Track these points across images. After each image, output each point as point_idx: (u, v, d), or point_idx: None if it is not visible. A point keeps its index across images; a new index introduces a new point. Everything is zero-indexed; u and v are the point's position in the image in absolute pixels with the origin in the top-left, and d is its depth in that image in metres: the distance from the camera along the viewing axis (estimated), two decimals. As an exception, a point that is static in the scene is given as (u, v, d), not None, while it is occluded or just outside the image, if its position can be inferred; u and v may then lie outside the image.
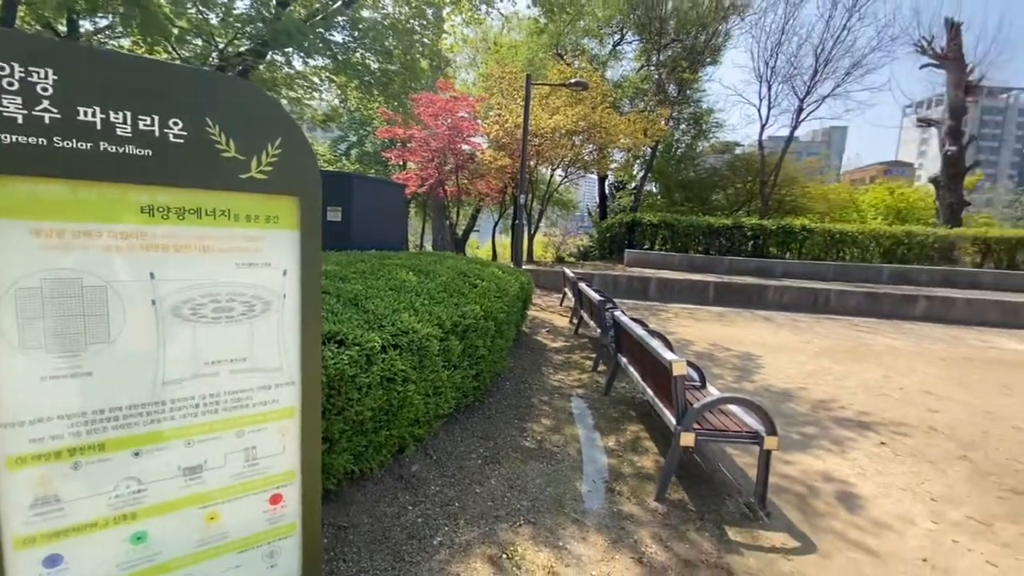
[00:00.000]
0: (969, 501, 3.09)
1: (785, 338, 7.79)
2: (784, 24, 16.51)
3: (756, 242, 14.07)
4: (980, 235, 14.20)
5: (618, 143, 13.80)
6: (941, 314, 10.48)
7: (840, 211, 20.18)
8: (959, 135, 16.95)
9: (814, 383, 5.38)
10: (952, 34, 16.99)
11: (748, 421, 2.94)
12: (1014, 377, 6.10)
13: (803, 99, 16.96)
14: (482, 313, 3.78)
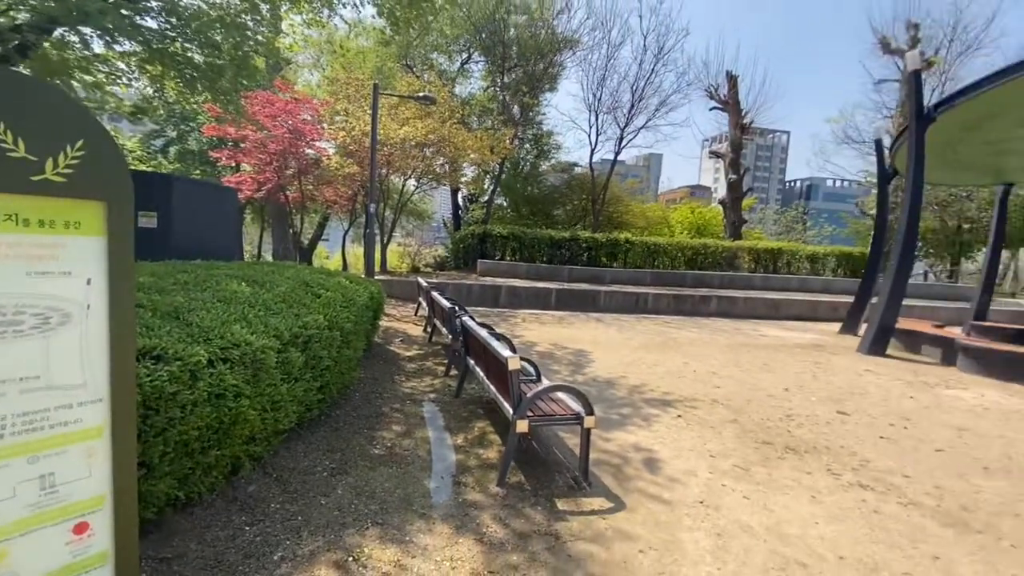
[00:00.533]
0: (735, 454, 3.96)
1: (612, 335, 8.92)
2: (607, 63, 18.92)
3: (590, 253, 15.74)
4: (753, 247, 17.85)
5: (468, 158, 14.36)
6: (727, 310, 12.93)
7: (656, 226, 23.59)
8: (739, 166, 21.10)
9: (632, 372, 6.29)
10: (731, 85, 21.15)
11: (573, 405, 3.40)
12: (773, 357, 7.86)
13: (623, 129, 19.59)
14: (326, 323, 3.73)
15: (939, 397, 5.91)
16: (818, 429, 4.57)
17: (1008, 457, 4.15)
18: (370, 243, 11.08)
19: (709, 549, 2.64)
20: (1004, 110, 7.78)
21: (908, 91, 8.54)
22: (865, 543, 2.77)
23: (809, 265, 18.04)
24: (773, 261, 17.62)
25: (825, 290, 16.04)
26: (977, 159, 10.28)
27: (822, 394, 5.77)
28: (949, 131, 8.48)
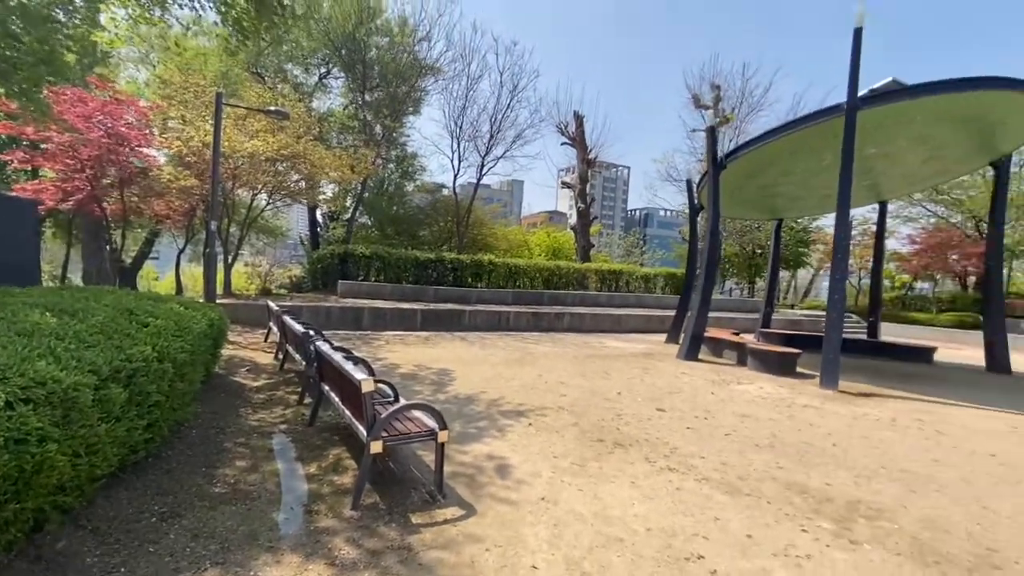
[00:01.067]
0: (574, 453, 4.48)
1: (475, 353, 9.29)
2: (466, 93, 19.83)
3: (456, 274, 16.14)
4: (599, 268, 19.91)
5: (327, 176, 13.86)
6: (578, 325, 14.22)
7: (518, 249, 25.01)
8: (586, 196, 23.43)
9: (491, 387, 6.68)
10: (578, 123, 23.53)
11: (427, 422, 3.59)
12: (611, 365, 8.90)
13: (484, 157, 20.61)
14: (155, 355, 3.42)
15: (732, 392, 7.30)
16: (641, 425, 5.37)
17: (773, 435, 5.32)
18: (211, 263, 10.03)
19: (546, 538, 3.00)
20: (770, 163, 10.00)
21: (707, 143, 10.53)
22: (668, 515, 3.39)
23: (644, 284, 20.66)
24: (616, 281, 19.83)
25: (656, 305, 18.49)
26: (756, 199, 12.94)
27: (647, 395, 6.75)
28: (736, 176, 10.60)
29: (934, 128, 8.97)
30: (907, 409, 6.78)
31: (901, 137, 9.39)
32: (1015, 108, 8.15)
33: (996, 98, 7.82)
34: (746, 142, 9.85)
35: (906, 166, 10.83)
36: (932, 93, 7.75)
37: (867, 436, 5.40)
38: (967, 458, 4.87)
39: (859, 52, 7.79)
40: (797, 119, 9.16)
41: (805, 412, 6.30)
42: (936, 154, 10.10)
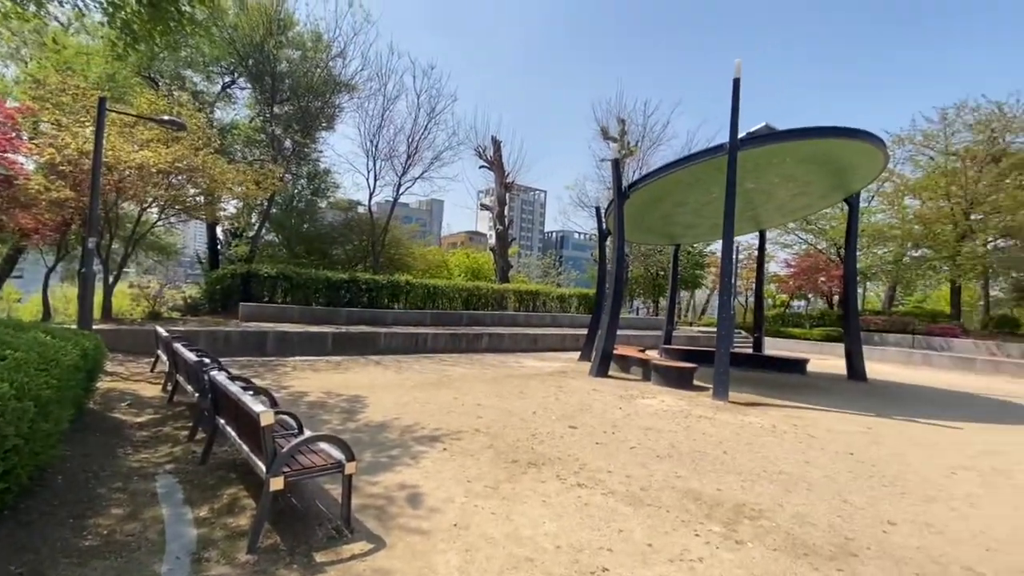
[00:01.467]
0: (488, 475, 4.53)
1: (390, 377, 9.07)
2: (383, 113, 19.63)
3: (371, 295, 15.69)
4: (518, 289, 20.35)
5: (230, 191, 12.96)
6: (496, 346, 14.38)
7: (436, 269, 24.87)
8: (504, 218, 23.95)
9: (406, 412, 6.55)
10: (496, 148, 24.13)
11: (334, 454, 3.46)
12: (527, 384, 9.10)
13: (401, 176, 20.42)
14: (13, 392, 3.01)
15: (637, 406, 7.77)
16: (554, 443, 5.55)
17: (672, 446, 5.73)
18: (87, 285, 8.91)
19: (457, 565, 3.01)
20: (668, 194, 10.91)
21: (612, 174, 11.31)
22: (576, 531, 3.53)
23: (560, 304, 21.40)
24: (533, 301, 20.35)
25: (571, 324, 19.21)
26: (657, 226, 14.01)
27: (560, 413, 6.99)
28: (639, 205, 11.43)
29: (800, 168, 10.35)
30: (784, 416, 7.62)
31: (775, 175, 10.71)
32: (860, 153, 9.65)
33: (844, 145, 9.22)
34: (646, 174, 10.73)
35: (779, 200, 12.34)
36: (795, 139, 8.99)
37: (751, 442, 5.99)
38: (831, 458, 5.57)
39: (738, 100, 8.85)
40: (689, 156, 10.15)
41: (700, 423, 6.86)
42: (803, 190, 11.63)
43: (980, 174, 21.78)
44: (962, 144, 22.92)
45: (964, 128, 22.79)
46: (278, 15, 16.04)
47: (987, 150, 22.01)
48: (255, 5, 15.79)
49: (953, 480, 5.05)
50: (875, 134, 9.22)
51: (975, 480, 5.09)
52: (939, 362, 18.44)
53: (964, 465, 5.58)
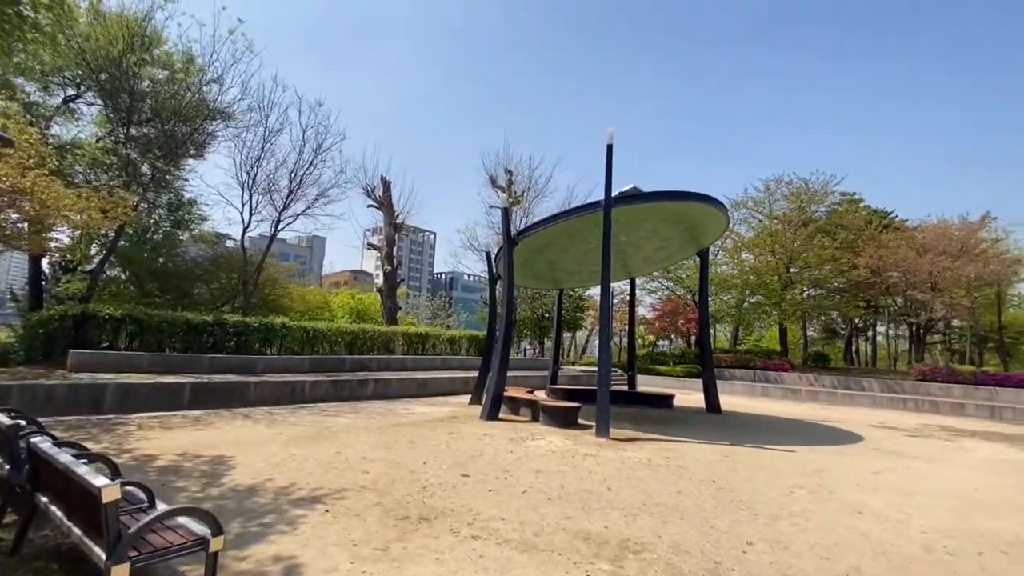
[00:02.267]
0: (377, 536, 4.24)
1: (261, 433, 8.17)
2: (263, 145, 18.47)
3: (240, 339, 14.18)
4: (406, 331, 19.83)
5: (65, 219, 11.06)
6: (384, 392, 13.75)
7: (317, 310, 23.36)
8: (393, 259, 23.49)
9: (281, 471, 5.93)
10: (385, 188, 23.88)
11: (196, 529, 3.02)
12: (417, 432, 8.80)
13: (281, 212, 19.16)
14: None
15: (528, 448, 7.91)
16: (446, 494, 5.40)
17: (562, 486, 5.90)
18: None
19: (344, 641, 2.75)
20: (552, 243, 11.65)
21: (502, 221, 11.83)
22: (471, 585, 3.44)
23: (450, 346, 21.25)
24: (423, 344, 19.96)
25: (461, 367, 19.11)
26: (543, 271, 14.80)
27: (452, 461, 6.85)
28: (526, 252, 12.02)
29: (663, 225, 11.78)
30: (658, 449, 8.28)
31: (642, 229, 12.03)
32: (709, 215, 11.28)
33: (697, 207, 10.72)
34: (532, 224, 11.42)
35: (646, 251, 13.84)
36: (658, 200, 10.27)
37: (631, 477, 6.40)
38: (698, 487, 6.14)
39: (611, 164, 9.92)
40: (571, 209, 11.04)
41: (586, 461, 7.17)
42: (665, 244, 13.19)
43: (795, 235, 26.56)
44: (781, 210, 27.88)
45: (782, 197, 27.82)
46: (143, 31, 14.55)
47: (798, 216, 27.02)
48: (114, 17, 14.19)
49: (792, 498, 5.86)
50: (719, 200, 10.88)
51: (808, 497, 5.96)
52: (774, 393, 21.50)
53: (799, 484, 6.51)
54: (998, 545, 4.66)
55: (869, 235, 26.26)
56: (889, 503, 5.85)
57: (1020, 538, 4.89)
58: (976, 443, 11.01)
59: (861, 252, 25.31)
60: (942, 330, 31.75)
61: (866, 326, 35.70)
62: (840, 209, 28.45)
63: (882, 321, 33.69)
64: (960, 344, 32.51)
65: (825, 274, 27.03)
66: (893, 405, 18.66)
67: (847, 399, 19.79)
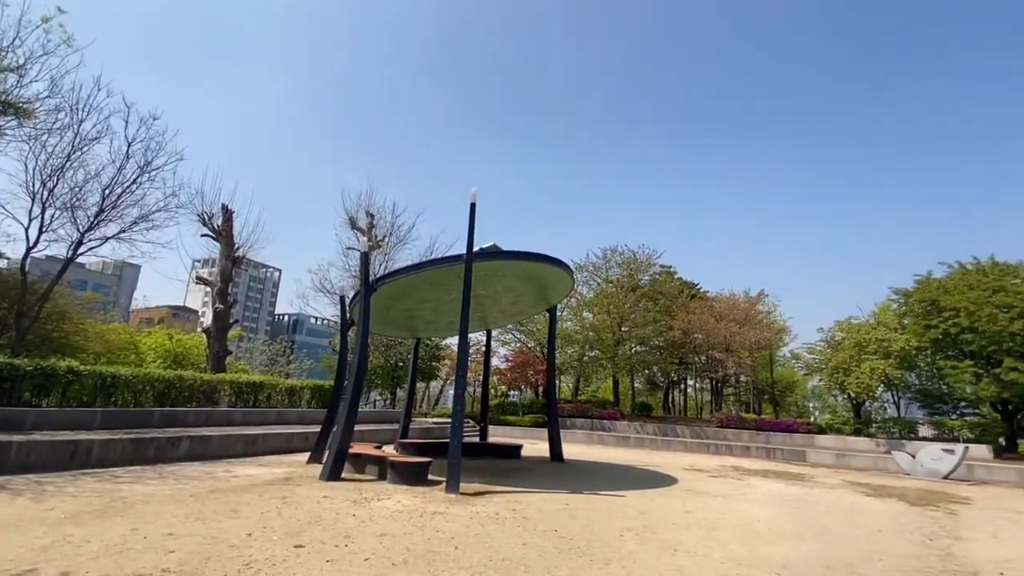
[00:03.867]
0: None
1: (22, 510, 6.38)
2: (71, 152, 15.48)
3: (7, 385, 11.12)
4: (235, 380, 17.51)
5: None
6: (201, 451, 11.80)
7: (120, 352, 19.46)
8: (227, 296, 20.92)
9: (47, 560, 4.67)
10: (226, 217, 21.53)
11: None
12: (241, 499, 7.68)
13: (84, 232, 15.97)
14: None
15: (373, 510, 7.43)
16: (275, 570, 4.78)
17: (408, 549, 5.64)
18: None
19: None
20: (411, 291, 11.61)
21: (360, 266, 11.48)
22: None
23: (289, 397, 19.26)
24: (256, 394, 17.78)
25: (300, 421, 17.39)
26: (400, 320, 14.55)
27: (284, 530, 6.11)
28: (384, 299, 11.76)
29: (518, 282, 12.57)
30: (505, 502, 8.43)
31: (500, 284, 12.68)
32: (558, 276, 12.38)
33: (548, 268, 11.71)
34: (393, 271, 11.30)
35: (503, 305, 14.54)
36: (514, 259, 11.01)
37: (479, 532, 6.40)
38: (542, 536, 6.38)
39: (473, 221, 10.43)
40: (434, 260, 11.23)
41: (434, 520, 6.98)
42: (519, 299, 14.03)
43: (625, 298, 30.29)
44: (615, 276, 31.71)
45: (616, 265, 31.74)
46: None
47: (628, 282, 30.97)
48: None
49: (622, 540, 6.41)
50: (566, 263, 12.06)
51: (635, 538, 6.57)
52: (608, 440, 23.50)
53: (628, 527, 7.16)
54: (775, 568, 5.64)
55: (681, 302, 31.18)
56: (698, 539, 6.73)
57: (790, 560, 5.99)
58: (759, 480, 13.31)
59: (676, 316, 29.82)
60: (734, 384, 38.31)
61: (680, 379, 41.47)
62: (660, 279, 33.42)
63: (691, 375, 39.50)
64: (746, 396, 39.48)
65: (648, 333, 31.10)
66: (700, 449, 21.71)
67: (666, 444, 22.48)
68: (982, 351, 18.51)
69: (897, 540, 7.30)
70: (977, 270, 20.30)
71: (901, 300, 22.60)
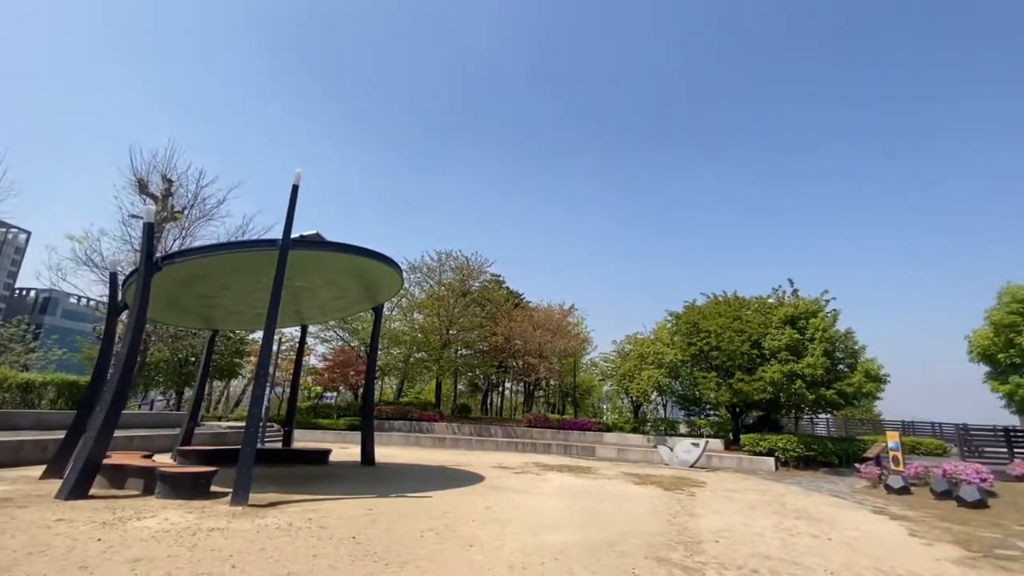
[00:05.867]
0: None
1: None
2: None
3: None
4: (-69, 372, 13.00)
5: None
6: None
7: None
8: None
9: None
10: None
11: None
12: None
13: None
14: None
15: (127, 532, 6.20)
16: (-41, 622, 3.67)
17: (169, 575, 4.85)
18: None
19: None
20: (211, 275, 10.13)
21: (144, 238, 9.57)
22: None
23: (23, 396, 15.06)
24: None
25: (37, 426, 13.74)
26: (194, 307, 12.55)
27: (-15, 569, 4.72)
28: (173, 281, 10.03)
29: (341, 276, 11.89)
30: (301, 511, 7.83)
31: (320, 277, 11.83)
32: (386, 274, 12.05)
33: (375, 265, 11.33)
34: (189, 249, 9.69)
35: (322, 300, 13.59)
36: (338, 251, 10.40)
37: (264, 547, 5.82)
38: (336, 545, 6.08)
39: (295, 204, 9.58)
40: (242, 241, 9.96)
41: (211, 537, 6.14)
42: (342, 295, 13.28)
43: (456, 303, 30.97)
44: (448, 280, 32.23)
45: (449, 269, 32.30)
46: None
47: (459, 287, 31.77)
48: None
49: (422, 541, 6.48)
50: (396, 261, 11.83)
51: (435, 538, 6.70)
52: (426, 442, 23.61)
53: (430, 527, 7.26)
54: (554, 553, 6.30)
55: (506, 310, 33.07)
56: (493, 533, 7.16)
57: (567, 545, 6.75)
58: (554, 475, 14.75)
59: (499, 323, 31.49)
60: (544, 387, 41.91)
61: (499, 382, 43.82)
62: (490, 286, 34.99)
63: (509, 378, 42.08)
64: (554, 398, 43.50)
65: (474, 338, 32.25)
66: (509, 448, 23.19)
67: (479, 444, 23.49)
68: (723, 365, 23.54)
69: (650, 520, 8.80)
70: (724, 301, 25.83)
71: (673, 321, 27.48)
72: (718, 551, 6.87)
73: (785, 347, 21.08)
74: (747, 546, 7.25)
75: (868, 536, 8.53)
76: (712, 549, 6.97)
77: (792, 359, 20.77)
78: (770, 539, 7.78)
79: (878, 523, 9.84)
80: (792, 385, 20.25)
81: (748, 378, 21.90)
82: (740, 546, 7.23)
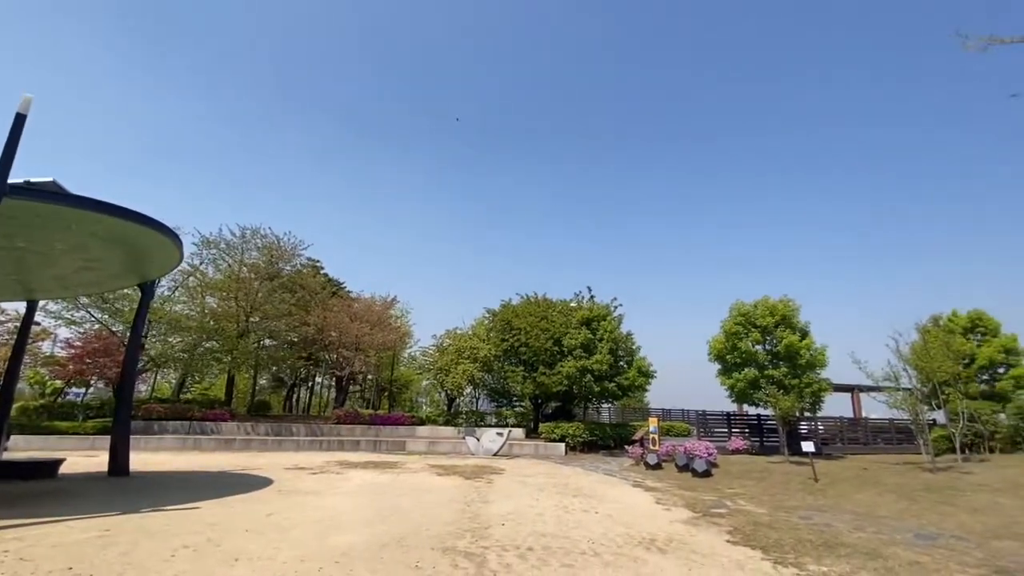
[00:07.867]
0: None
1: None
2: None
3: None
4: None
5: None
6: None
7: None
8: None
9: None
10: None
11: None
12: None
13: None
14: None
15: None
16: None
17: None
18: None
19: None
20: None
21: None
22: None
23: None
24: None
25: None
26: None
27: None
28: None
29: (92, 241, 9.46)
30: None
31: (59, 240, 9.25)
32: (157, 244, 9.99)
33: (140, 231, 9.29)
34: None
35: (62, 269, 10.65)
36: (82, 207, 8.25)
37: (-92, 600, 4.22)
38: (38, 581, 4.73)
39: (17, 137, 7.27)
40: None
41: None
42: (92, 265, 10.59)
43: (260, 286, 27.55)
44: (252, 260, 28.49)
45: (255, 248, 28.59)
46: None
47: (267, 269, 28.37)
48: None
49: (171, 562, 5.45)
50: (171, 229, 9.89)
51: (190, 555, 5.70)
52: (208, 445, 20.40)
53: (187, 544, 6.17)
54: (336, 556, 5.89)
55: (322, 299, 30.61)
56: (268, 542, 6.40)
57: (354, 545, 6.39)
58: (356, 472, 14.05)
59: (313, 312, 29.00)
60: (360, 382, 40.05)
61: (308, 376, 40.44)
62: (304, 271, 31.99)
63: (320, 373, 39.15)
64: (369, 393, 41.88)
65: (281, 327, 29.12)
66: (312, 447, 21.46)
67: (276, 445, 21.21)
68: (530, 360, 25.54)
69: (446, 510, 8.94)
70: (535, 302, 28.06)
71: (490, 317, 28.83)
72: (502, 534, 7.27)
73: (580, 345, 23.77)
74: (528, 526, 7.85)
75: (625, 506, 10.03)
76: (497, 533, 7.35)
77: (585, 356, 23.53)
78: (548, 518, 8.57)
79: (634, 495, 11.67)
80: (583, 378, 22.93)
81: (549, 372, 24.11)
82: (522, 527, 7.78)
